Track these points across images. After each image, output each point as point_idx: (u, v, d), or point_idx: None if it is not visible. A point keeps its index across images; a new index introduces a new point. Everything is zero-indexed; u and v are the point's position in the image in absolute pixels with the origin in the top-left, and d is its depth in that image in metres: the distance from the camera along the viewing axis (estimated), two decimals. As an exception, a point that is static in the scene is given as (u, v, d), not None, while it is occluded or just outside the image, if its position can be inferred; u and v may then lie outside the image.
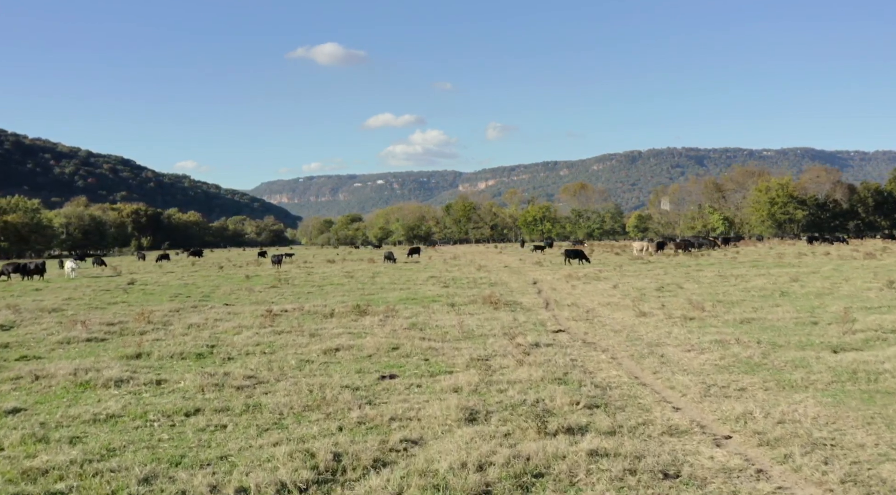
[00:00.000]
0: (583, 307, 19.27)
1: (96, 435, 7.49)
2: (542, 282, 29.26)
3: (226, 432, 7.50)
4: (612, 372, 10.27)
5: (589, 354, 11.82)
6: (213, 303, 22.51)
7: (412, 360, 11.38)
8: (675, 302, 19.80)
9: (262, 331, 14.83)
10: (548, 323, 16.08)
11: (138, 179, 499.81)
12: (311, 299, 23.18)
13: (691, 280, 28.23)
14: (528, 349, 12.07)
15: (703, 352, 11.83)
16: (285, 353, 12.20)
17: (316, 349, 12.36)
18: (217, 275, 40.93)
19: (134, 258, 77.63)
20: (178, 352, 12.27)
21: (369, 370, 10.59)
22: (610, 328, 15.03)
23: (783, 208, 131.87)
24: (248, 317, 17.51)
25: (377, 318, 16.52)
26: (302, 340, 13.55)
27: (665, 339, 13.38)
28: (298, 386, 9.36)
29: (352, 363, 11.26)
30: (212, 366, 11.24)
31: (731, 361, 10.97)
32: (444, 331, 14.61)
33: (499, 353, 11.79)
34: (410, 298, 22.63)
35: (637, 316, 16.87)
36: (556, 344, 12.87)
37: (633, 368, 10.69)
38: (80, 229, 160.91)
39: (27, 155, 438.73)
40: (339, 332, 14.43)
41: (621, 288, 24.85)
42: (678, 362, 11.09)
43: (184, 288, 30.20)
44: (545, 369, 10.21)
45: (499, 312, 18.21)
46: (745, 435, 7.26)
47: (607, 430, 7.30)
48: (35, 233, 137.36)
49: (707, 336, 13.52)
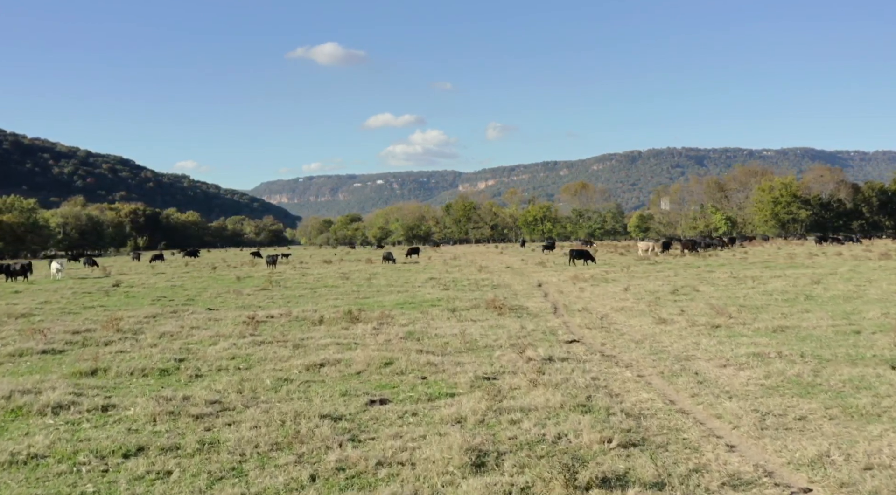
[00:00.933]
0: (595, 313, 17.70)
1: (6, 484, 5.93)
2: (548, 285, 27.70)
3: (168, 482, 5.92)
4: (642, 395, 8.71)
5: (611, 371, 10.25)
6: (195, 307, 20.94)
7: (407, 379, 9.82)
8: (694, 306, 18.24)
9: (241, 341, 13.26)
10: (559, 331, 14.51)
11: (137, 179, 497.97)
12: (302, 303, 21.62)
13: (705, 282, 26.68)
14: (541, 364, 10.50)
15: (743, 368, 10.28)
16: (262, 369, 10.63)
17: (298, 364, 10.78)
18: (208, 276, 39.36)
19: (129, 258, 75.98)
20: (140, 368, 10.69)
21: (357, 392, 9.02)
22: (629, 338, 13.47)
23: (787, 208, 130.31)
24: (228, 325, 15.93)
25: (370, 326, 14.95)
26: (284, 353, 11.98)
27: (694, 352, 11.83)
28: (270, 414, 7.79)
29: (337, 382, 9.69)
30: (174, 385, 9.68)
31: (778, 380, 9.40)
32: (445, 341, 13.04)
33: (507, 370, 10.23)
34: (408, 302, 21.07)
35: (656, 323, 15.31)
36: (571, 358, 11.29)
37: (665, 389, 9.12)
38: (77, 229, 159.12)
39: (26, 154, 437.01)
40: (326, 343, 12.86)
41: (633, 291, 23.29)
42: (716, 381, 9.53)
43: (170, 290, 28.63)
44: (564, 391, 8.64)
45: (504, 318, 16.64)
46: (828, 487, 5.70)
47: (652, 481, 5.73)
48: (31, 233, 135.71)
49: (741, 347, 11.96)
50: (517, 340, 13.01)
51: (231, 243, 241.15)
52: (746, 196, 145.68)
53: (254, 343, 13.04)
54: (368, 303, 21.03)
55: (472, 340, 13.02)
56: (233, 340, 13.39)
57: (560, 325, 15.44)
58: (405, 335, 13.75)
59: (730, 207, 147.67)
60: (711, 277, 29.12)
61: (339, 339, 13.31)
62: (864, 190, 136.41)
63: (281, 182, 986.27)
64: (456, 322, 16.08)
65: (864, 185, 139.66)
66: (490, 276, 32.92)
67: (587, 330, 14.70)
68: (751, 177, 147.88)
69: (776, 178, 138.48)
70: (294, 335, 13.96)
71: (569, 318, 16.88)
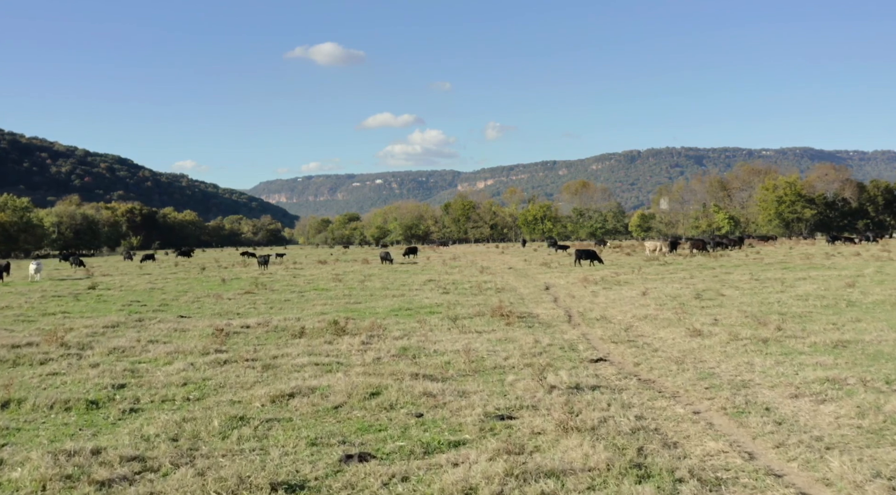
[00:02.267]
0: (616, 322, 15.52)
1: None
2: (556, 288, 25.53)
3: None
4: (709, 445, 6.54)
5: (657, 405, 8.09)
6: (167, 314, 18.76)
7: (398, 416, 7.65)
8: (727, 314, 16.08)
9: (202, 359, 11.07)
10: (579, 346, 12.33)
11: (135, 179, 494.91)
12: (286, 310, 19.45)
13: (727, 285, 24.54)
14: (568, 396, 8.34)
15: (823, 401, 8.12)
16: (216, 401, 8.45)
17: (262, 394, 8.60)
18: (194, 277, 37.16)
19: (122, 258, 73.58)
20: (65, 399, 8.52)
21: (330, 439, 6.83)
22: (664, 355, 11.29)
23: (791, 207, 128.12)
24: (193, 338, 13.74)
25: (358, 340, 12.76)
26: (248, 377, 9.80)
27: (750, 375, 9.66)
28: (204, 481, 5.61)
29: (307, 422, 7.52)
30: (97, 425, 7.50)
31: (878, 420, 7.23)
32: (445, 360, 10.86)
33: (526, 403, 8.06)
34: (404, 308, 18.89)
35: (690, 335, 13.14)
36: (603, 385, 9.12)
37: (736, 434, 6.96)
38: (72, 228, 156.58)
39: (24, 154, 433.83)
40: (303, 363, 10.67)
41: (652, 295, 21.12)
42: (797, 421, 7.38)
43: (147, 293, 26.44)
44: (606, 440, 6.48)
45: (513, 329, 14.47)
46: None
47: None
48: (24, 233, 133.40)
49: (806, 370, 9.80)
50: (532, 359, 10.84)
51: (228, 243, 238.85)
52: (749, 195, 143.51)
53: (216, 362, 10.85)
54: (359, 310, 18.85)
55: (478, 359, 10.85)
56: (192, 358, 11.20)
57: (579, 338, 13.26)
58: (398, 351, 11.57)
59: (733, 206, 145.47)
60: (731, 279, 26.98)
61: (320, 357, 11.12)
62: (870, 189, 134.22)
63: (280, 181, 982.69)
64: (458, 333, 13.92)
65: (870, 184, 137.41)
66: (493, 278, 30.75)
67: (612, 344, 12.53)
68: (754, 176, 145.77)
69: (780, 177, 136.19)
70: (266, 352, 11.77)
71: (587, 329, 14.71)
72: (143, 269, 50.59)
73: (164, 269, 49.38)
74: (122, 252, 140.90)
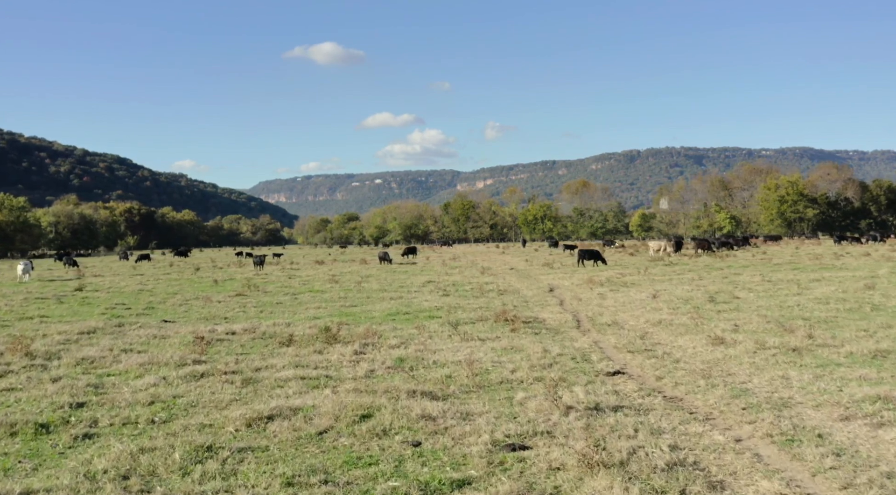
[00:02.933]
0: (629, 328, 14.45)
1: None
2: (561, 289, 24.47)
3: None
4: (762, 485, 5.47)
5: (691, 430, 7.01)
6: (150, 318, 17.68)
7: (392, 445, 6.58)
8: (746, 319, 15.02)
9: (177, 373, 10.00)
10: (592, 356, 11.26)
11: (134, 178, 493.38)
12: (277, 313, 18.38)
13: (739, 287, 23.49)
14: (587, 418, 7.27)
15: (880, 425, 7.06)
16: (184, 425, 7.38)
17: (237, 416, 7.53)
18: (187, 278, 36.09)
19: (126, 258, 72.36)
20: (12, 422, 7.44)
21: (310, 477, 5.75)
22: (688, 367, 10.22)
23: (793, 207, 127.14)
24: (172, 346, 12.66)
25: (351, 349, 11.69)
26: (225, 394, 8.73)
27: (788, 392, 8.60)
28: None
29: (285, 453, 6.45)
30: (42, 456, 6.43)
31: (953, 451, 6.18)
32: (446, 373, 9.79)
33: (540, 428, 6.98)
34: (402, 312, 17.82)
35: (712, 343, 12.08)
36: (625, 404, 8.04)
37: (791, 470, 5.89)
38: (69, 228, 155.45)
39: (22, 153, 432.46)
40: (287, 376, 9.59)
41: (663, 298, 20.06)
42: (856, 451, 6.31)
43: (134, 295, 25.37)
44: (642, 482, 5.41)
45: (519, 336, 13.40)
46: None
47: None
48: (21, 233, 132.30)
49: (851, 386, 8.75)
50: (543, 372, 9.76)
51: (227, 243, 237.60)
52: (751, 194, 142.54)
53: (191, 376, 9.78)
54: (355, 314, 17.78)
55: (482, 371, 9.78)
56: (166, 371, 10.13)
57: (591, 347, 12.19)
58: (394, 363, 10.50)
59: (734, 206, 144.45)
60: (742, 281, 25.94)
61: (307, 370, 10.05)
62: (873, 188, 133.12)
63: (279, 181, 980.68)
64: (459, 341, 12.85)
65: (873, 184, 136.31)
66: (494, 280, 29.68)
67: (628, 354, 11.45)
68: (756, 176, 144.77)
69: (782, 177, 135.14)
70: (249, 363, 10.68)
71: (599, 336, 13.64)
72: (137, 270, 49.51)
73: (157, 270, 48.30)
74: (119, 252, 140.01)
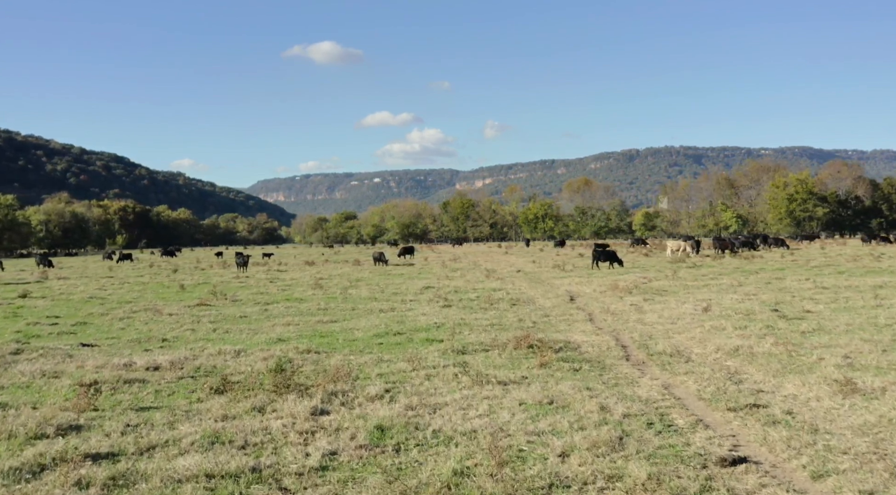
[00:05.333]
0: (699, 360, 10.56)
1: None
2: (583, 298, 20.60)
3: None
4: None
5: None
6: (70, 339, 13.79)
7: None
8: (850, 346, 11.19)
9: (8, 463, 6.11)
10: (675, 418, 7.37)
11: (131, 177, 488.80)
12: (234, 332, 14.49)
13: (796, 295, 19.65)
14: None
15: None
16: None
17: None
18: (156, 282, 32.20)
19: (110, 258, 68.28)
20: None
21: None
22: (840, 442, 6.36)
23: (802, 205, 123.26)
24: (52, 394, 8.75)
25: (309, 404, 7.81)
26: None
27: None
28: None
29: None
30: None
31: None
32: (454, 466, 5.87)
33: None
34: (392, 332, 13.91)
35: (840, 390, 8.24)
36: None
37: None
38: (61, 227, 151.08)
39: (19, 152, 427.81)
40: (185, 473, 5.70)
41: (716, 311, 16.18)
42: None
43: (79, 304, 21.50)
44: None
45: (553, 375, 9.52)
46: None
47: None
48: (9, 231, 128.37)
49: None
50: (615, 460, 5.89)
51: (223, 241, 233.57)
52: (758, 193, 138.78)
53: (36, 461, 5.91)
54: (332, 334, 13.90)
55: (513, 459, 5.91)
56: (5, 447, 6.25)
57: (664, 397, 8.30)
58: (370, 439, 6.59)
59: (740, 205, 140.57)
60: (792, 287, 22.13)
61: (228, 454, 6.15)
62: (884, 187, 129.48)
63: (278, 180, 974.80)
64: (469, 386, 8.97)
65: (884, 182, 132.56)
66: (502, 285, 25.80)
67: (729, 413, 7.55)
68: (762, 174, 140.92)
69: (791, 175, 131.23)
70: (140, 436, 6.77)
71: (664, 374, 9.74)
72: (114, 271, 45.69)
73: (134, 271, 44.47)
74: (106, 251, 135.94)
